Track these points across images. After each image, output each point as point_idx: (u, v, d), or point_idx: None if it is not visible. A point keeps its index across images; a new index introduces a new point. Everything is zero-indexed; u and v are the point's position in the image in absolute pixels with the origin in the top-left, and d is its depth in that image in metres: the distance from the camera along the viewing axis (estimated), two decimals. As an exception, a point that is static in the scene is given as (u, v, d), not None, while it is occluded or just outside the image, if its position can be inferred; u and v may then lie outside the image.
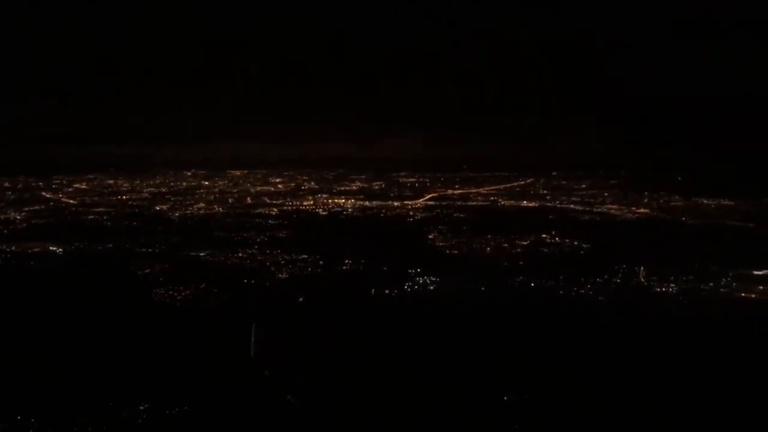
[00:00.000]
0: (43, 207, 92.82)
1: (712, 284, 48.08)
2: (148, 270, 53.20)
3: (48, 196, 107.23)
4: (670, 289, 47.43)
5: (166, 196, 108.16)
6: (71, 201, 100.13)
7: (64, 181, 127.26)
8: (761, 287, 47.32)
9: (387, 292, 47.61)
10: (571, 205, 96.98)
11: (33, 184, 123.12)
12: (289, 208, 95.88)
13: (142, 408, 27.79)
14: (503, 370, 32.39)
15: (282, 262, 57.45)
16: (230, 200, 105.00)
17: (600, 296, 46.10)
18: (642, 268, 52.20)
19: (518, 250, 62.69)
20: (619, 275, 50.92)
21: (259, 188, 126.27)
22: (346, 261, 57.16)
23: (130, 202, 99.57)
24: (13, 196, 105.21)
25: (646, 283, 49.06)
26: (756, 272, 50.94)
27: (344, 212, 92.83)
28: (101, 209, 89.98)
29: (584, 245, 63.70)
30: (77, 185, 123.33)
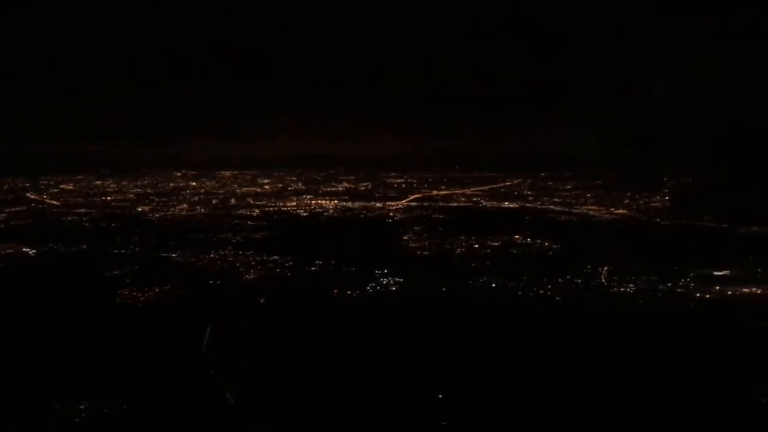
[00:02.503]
0: (24, 208, 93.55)
1: (670, 284, 48.63)
2: (117, 271, 53.70)
3: (32, 197, 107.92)
4: (629, 290, 47.98)
5: (151, 197, 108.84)
6: (54, 202, 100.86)
7: (51, 182, 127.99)
8: (718, 287, 47.86)
9: (349, 293, 48.13)
10: (551, 206, 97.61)
11: (19, 184, 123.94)
12: (271, 209, 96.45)
13: (82, 406, 28.35)
14: (444, 368, 32.93)
15: (252, 263, 58.01)
16: (214, 201, 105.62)
17: (557, 296, 46.61)
18: (605, 269, 52.81)
19: (488, 251, 63.26)
20: (581, 276, 51.42)
21: (245, 189, 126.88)
22: (316, 262, 57.71)
23: (113, 203, 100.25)
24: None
25: (606, 284, 49.61)
26: (716, 273, 51.57)
27: (325, 213, 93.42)
28: (83, 210, 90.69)
29: (554, 246, 64.29)
30: (64, 186, 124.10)
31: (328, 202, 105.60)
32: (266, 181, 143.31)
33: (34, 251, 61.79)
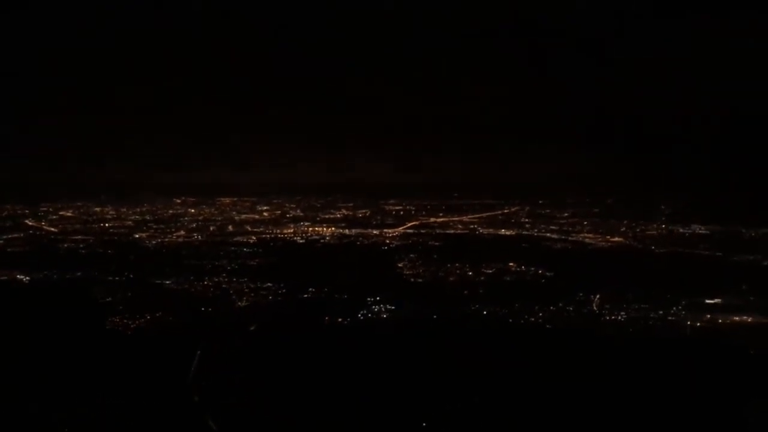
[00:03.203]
0: (22, 235, 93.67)
1: (661, 312, 48.57)
2: (110, 298, 53.70)
3: (30, 223, 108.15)
4: (620, 317, 47.90)
5: (149, 224, 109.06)
6: (52, 229, 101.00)
7: (50, 209, 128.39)
8: (709, 315, 47.83)
9: (339, 320, 48.12)
10: (548, 234, 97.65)
11: (19, 211, 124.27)
12: (268, 236, 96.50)
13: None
14: (427, 392, 32.92)
15: (246, 290, 58.04)
16: (212, 228, 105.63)
17: (548, 324, 46.56)
18: (597, 297, 52.79)
19: (482, 278, 63.29)
20: (573, 303, 51.39)
21: (243, 216, 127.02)
22: (310, 289, 57.72)
23: (110, 230, 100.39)
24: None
25: (597, 311, 49.54)
26: (708, 301, 51.55)
27: (321, 240, 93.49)
28: (80, 237, 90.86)
29: (548, 274, 64.25)
30: (63, 212, 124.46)
31: (325, 229, 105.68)
32: (265, 207, 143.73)
33: (28, 278, 61.82)
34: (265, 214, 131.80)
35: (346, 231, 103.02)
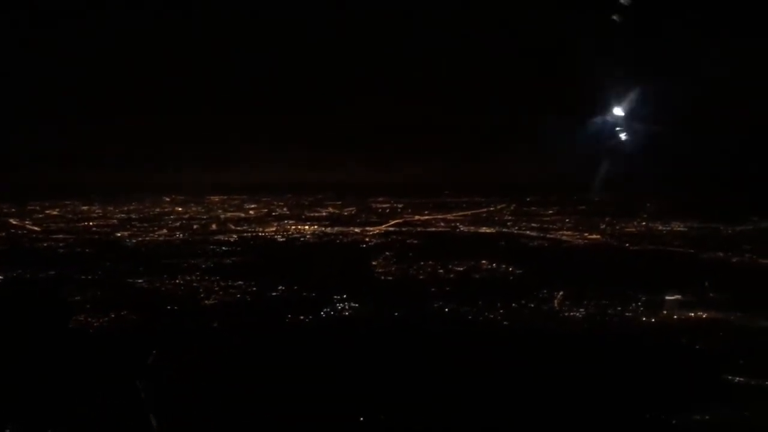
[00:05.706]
0: (4, 234, 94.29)
1: (620, 308, 49.19)
2: (78, 297, 54.27)
3: (14, 222, 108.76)
4: (578, 314, 48.53)
5: (133, 223, 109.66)
6: (35, 228, 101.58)
7: (37, 207, 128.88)
8: (665, 312, 48.49)
9: (301, 318, 48.76)
10: (527, 231, 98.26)
11: (5, 210, 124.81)
12: (249, 234, 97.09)
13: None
14: (379, 393, 33.59)
15: (216, 288, 58.61)
16: (195, 226, 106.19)
17: (505, 321, 47.22)
18: (560, 294, 53.42)
19: (451, 275, 63.92)
20: (535, 300, 52.03)
21: (229, 214, 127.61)
22: (279, 287, 58.32)
23: (93, 229, 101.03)
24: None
25: (557, 308, 50.17)
26: (668, 297, 52.14)
27: (302, 239, 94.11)
28: (61, 236, 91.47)
29: (517, 271, 64.87)
30: (49, 211, 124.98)
31: (307, 227, 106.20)
32: (252, 206, 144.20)
33: (1, 277, 62.39)
34: (251, 212, 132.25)
35: (328, 229, 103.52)
